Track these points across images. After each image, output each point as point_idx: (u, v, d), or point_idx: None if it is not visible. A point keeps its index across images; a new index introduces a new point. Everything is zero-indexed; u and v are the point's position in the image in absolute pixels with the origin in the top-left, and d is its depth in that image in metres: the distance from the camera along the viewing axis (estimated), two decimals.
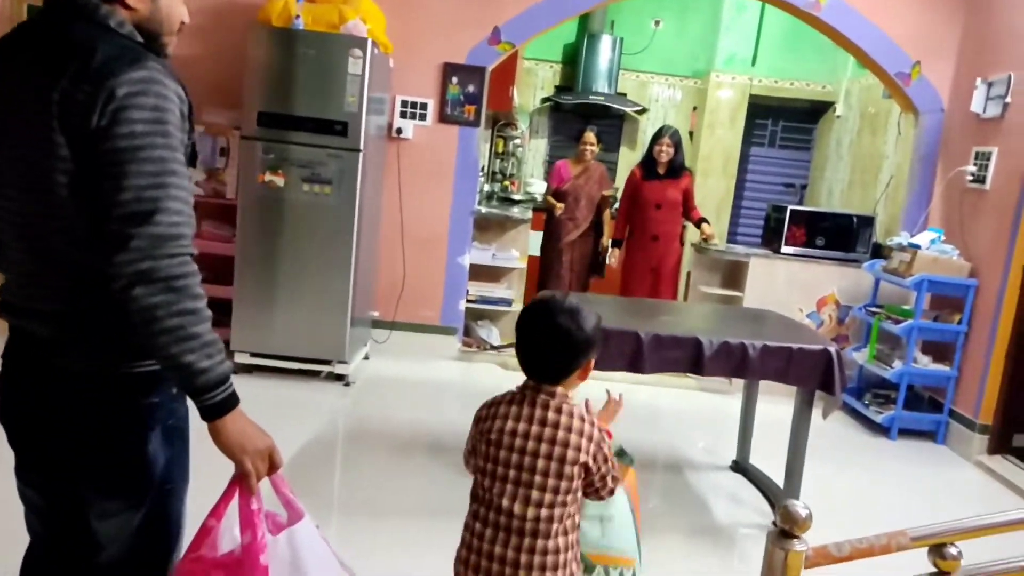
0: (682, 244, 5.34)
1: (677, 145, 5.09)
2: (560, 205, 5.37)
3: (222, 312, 4.47)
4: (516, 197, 6.78)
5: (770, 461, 3.55)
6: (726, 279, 5.33)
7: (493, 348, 5.24)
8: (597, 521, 2.01)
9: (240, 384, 1.37)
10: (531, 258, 5.70)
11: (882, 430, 4.50)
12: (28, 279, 1.31)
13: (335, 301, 4.30)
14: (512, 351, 5.23)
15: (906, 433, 4.49)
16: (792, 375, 2.98)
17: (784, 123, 7.29)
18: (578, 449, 1.54)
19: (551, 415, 1.56)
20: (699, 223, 5.25)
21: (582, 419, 1.57)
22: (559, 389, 1.59)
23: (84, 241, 1.24)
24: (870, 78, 6.06)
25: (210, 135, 4.66)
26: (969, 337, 4.35)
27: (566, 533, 1.57)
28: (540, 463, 1.54)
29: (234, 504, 1.36)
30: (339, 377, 4.43)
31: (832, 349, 3.00)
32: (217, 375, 1.25)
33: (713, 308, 4.41)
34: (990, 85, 4.39)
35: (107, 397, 1.31)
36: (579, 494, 1.59)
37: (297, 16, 4.18)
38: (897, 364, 4.45)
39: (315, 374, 4.41)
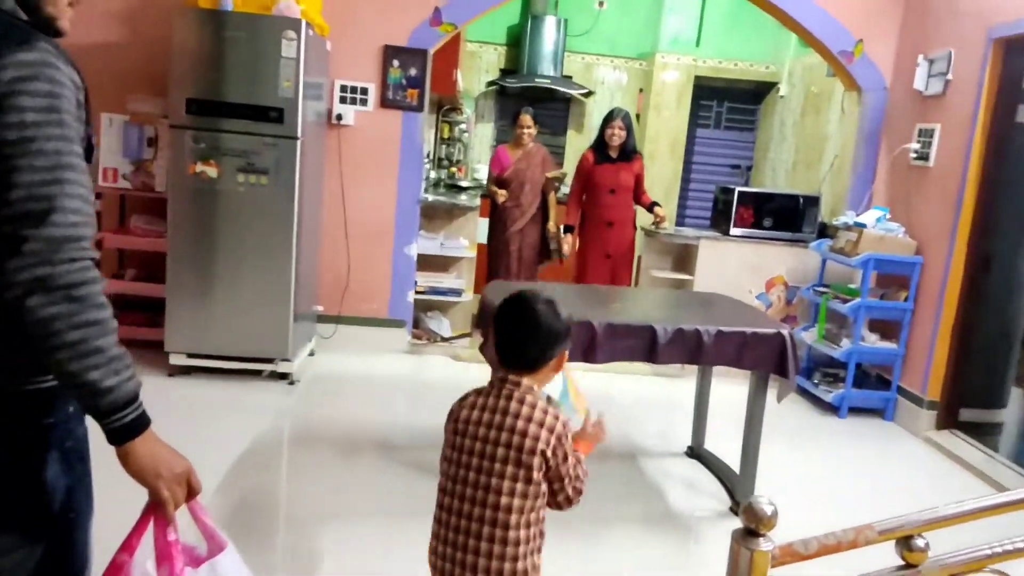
0: (635, 229, 5.25)
1: (629, 128, 4.98)
2: (503, 192, 5.19)
3: (155, 311, 4.27)
4: (463, 184, 6.65)
5: (725, 445, 3.53)
6: (677, 263, 5.30)
7: (444, 340, 5.12)
8: None
9: (177, 387, 1.25)
10: (480, 246, 5.59)
11: (832, 409, 4.53)
12: None
13: (276, 296, 4.13)
14: (464, 342, 5.12)
15: (856, 411, 4.53)
16: (747, 360, 2.94)
17: (729, 104, 7.29)
18: (536, 439, 1.55)
19: (513, 405, 1.58)
20: (651, 207, 5.15)
21: (544, 411, 1.59)
22: (525, 380, 1.62)
23: None
24: (813, 57, 6.09)
25: (137, 124, 4.42)
26: (915, 314, 4.40)
27: (528, 526, 1.57)
28: (500, 452, 1.55)
29: (148, 536, 1.24)
30: (283, 376, 4.26)
31: (785, 332, 2.97)
32: (125, 393, 1.13)
33: (665, 293, 4.36)
34: (931, 62, 4.42)
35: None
36: (542, 487, 1.58)
37: None
38: (845, 343, 4.47)
39: (257, 373, 4.23)
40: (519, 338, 1.65)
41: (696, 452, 3.70)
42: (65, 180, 1.09)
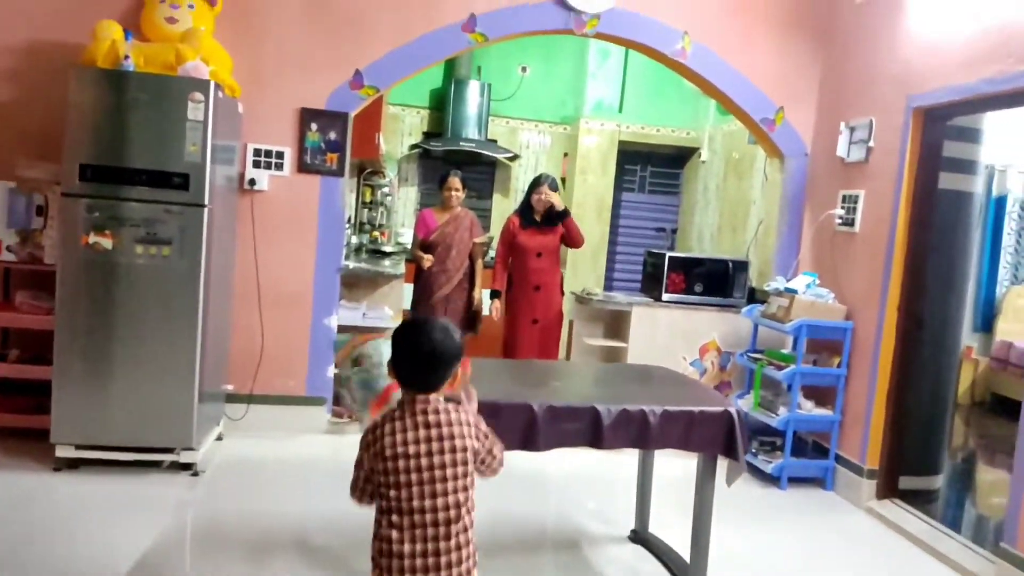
0: (562, 293, 5.14)
1: (555, 192, 4.97)
2: (428, 257, 5.01)
3: (40, 396, 3.81)
4: (387, 249, 6.41)
5: (672, 528, 3.33)
6: (609, 329, 5.17)
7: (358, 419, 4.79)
8: None
9: (64, 483, 1.01)
10: (406, 315, 5.33)
11: (772, 479, 4.41)
12: None
13: (179, 377, 3.75)
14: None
15: (796, 481, 4.42)
16: (694, 441, 2.77)
17: (653, 168, 7.35)
18: (463, 437, 1.84)
19: (431, 418, 1.82)
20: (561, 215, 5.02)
21: (456, 411, 1.86)
22: (432, 396, 1.85)
23: None
24: (733, 124, 6.19)
25: (24, 192, 4.02)
26: (849, 380, 4.36)
27: (469, 512, 1.87)
28: (436, 460, 1.80)
29: None
30: (186, 466, 3.84)
31: (733, 410, 2.81)
32: None
33: (603, 368, 4.16)
34: (852, 130, 4.49)
35: None
36: (473, 478, 1.87)
37: (126, 57, 3.67)
38: (782, 411, 4.38)
39: (156, 464, 3.81)
40: (421, 366, 1.84)
41: (641, 536, 3.48)
42: None
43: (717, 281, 4.97)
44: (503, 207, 7.27)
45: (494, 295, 5.11)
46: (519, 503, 3.83)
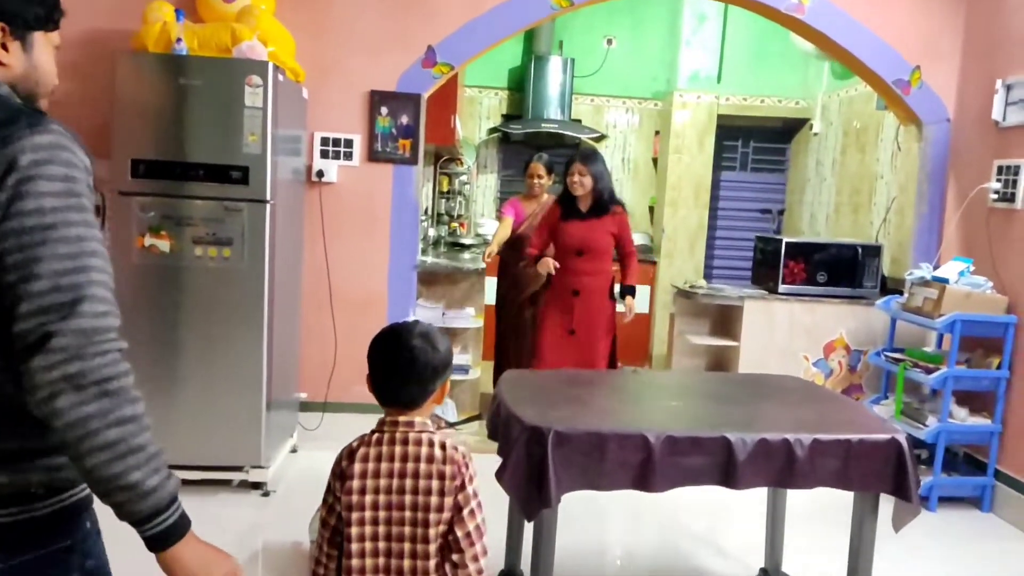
0: (613, 301, 4.14)
1: (597, 175, 3.93)
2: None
3: None
4: (466, 241, 5.99)
5: (808, 566, 2.77)
6: (716, 326, 4.59)
7: (450, 425, 4.39)
8: None
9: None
10: (489, 311, 4.89)
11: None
12: None
13: (245, 389, 3.42)
14: (472, 427, 4.37)
15: (947, 501, 3.77)
16: (854, 478, 2.21)
17: (756, 144, 6.66)
18: (442, 478, 1.52)
19: (411, 449, 1.54)
20: (623, 292, 4.14)
21: (443, 447, 1.55)
22: (417, 419, 1.58)
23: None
24: (851, 90, 5.47)
25: None
26: (1012, 384, 3.67)
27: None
28: (407, 500, 1.52)
29: None
30: (256, 485, 3.52)
31: (901, 438, 2.24)
32: (168, 493, 1.05)
33: (721, 380, 3.47)
34: (1009, 88, 3.77)
35: (21, 548, 1.06)
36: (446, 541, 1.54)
37: (179, 40, 3.34)
38: (931, 420, 3.73)
39: (225, 483, 3.50)
40: (397, 378, 1.59)
41: None
42: (91, 268, 1.02)
43: (844, 269, 4.32)
44: None
45: (536, 260, 4.12)
46: (625, 535, 3.35)
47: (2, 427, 1.03)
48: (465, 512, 1.53)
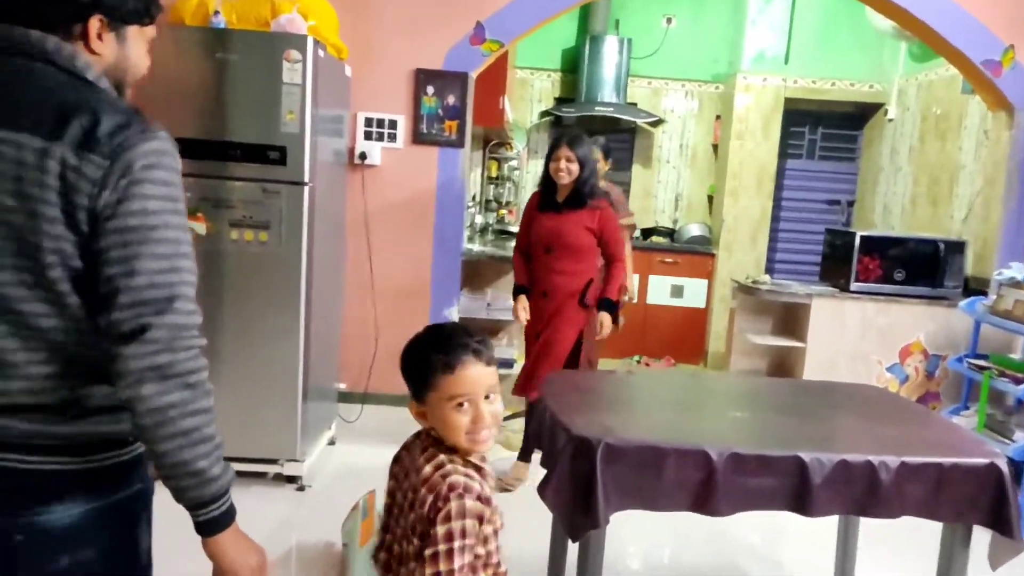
0: (584, 308, 3.47)
1: (584, 161, 3.40)
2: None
3: None
4: (514, 229, 5.77)
5: None
6: (780, 324, 4.30)
7: None
8: None
9: (158, 495, 1.18)
10: None
11: None
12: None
13: (281, 380, 3.28)
14: (517, 423, 4.15)
15: None
16: (945, 507, 1.94)
17: (824, 130, 6.27)
18: (423, 505, 1.29)
19: (419, 460, 1.36)
20: (600, 305, 3.48)
21: (437, 467, 1.32)
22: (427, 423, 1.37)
23: (83, 328, 1.09)
24: (933, 72, 5.08)
25: None
26: None
27: None
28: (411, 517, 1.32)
29: None
30: (291, 479, 3.39)
31: (1001, 462, 1.96)
32: (227, 482, 1.14)
33: (790, 388, 3.04)
34: None
35: (101, 493, 1.14)
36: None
37: (216, 12, 3.19)
38: (1019, 436, 3.40)
39: (259, 476, 3.37)
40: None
41: None
42: (183, 269, 1.09)
43: (924, 266, 3.99)
44: (645, 180, 6.45)
45: (519, 291, 3.61)
46: (675, 550, 3.11)
47: (98, 382, 1.12)
48: (427, 553, 1.25)
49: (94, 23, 1.13)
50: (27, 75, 1.09)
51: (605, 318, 3.51)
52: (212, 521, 1.13)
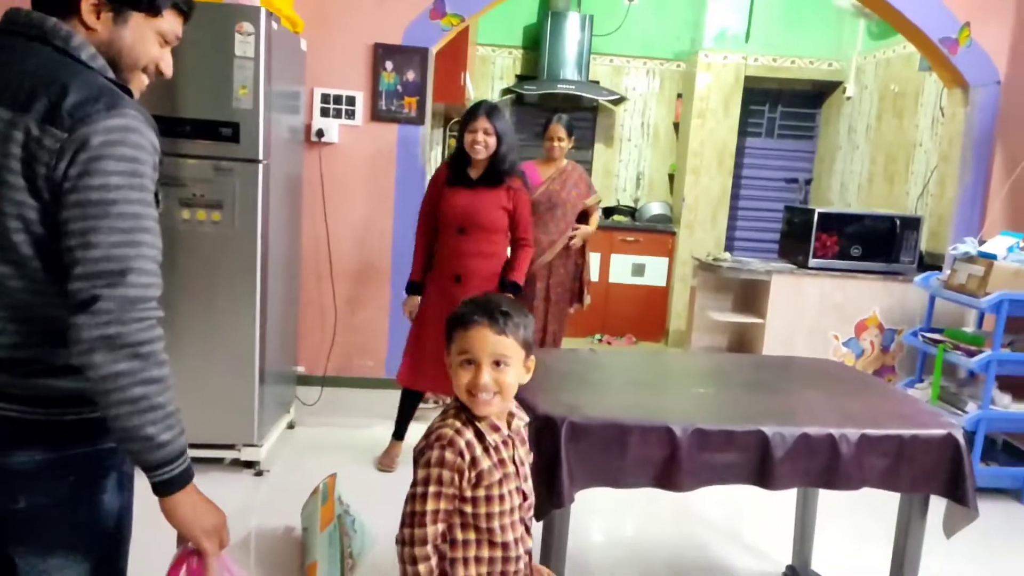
0: (500, 290, 3.32)
1: (503, 134, 3.24)
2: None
3: None
4: None
5: (841, 564, 2.55)
6: (740, 301, 4.33)
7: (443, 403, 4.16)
8: None
9: None
10: None
11: None
12: None
13: (237, 364, 3.20)
14: None
15: (984, 492, 3.51)
16: (904, 479, 1.97)
17: (784, 108, 6.31)
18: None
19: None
20: (504, 287, 3.31)
21: (440, 419, 1.43)
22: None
23: (43, 290, 1.16)
24: (891, 50, 5.13)
25: None
26: None
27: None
28: None
29: None
30: (249, 464, 3.32)
31: (957, 434, 1.99)
32: (178, 448, 1.19)
33: (751, 363, 3.07)
34: None
35: (63, 445, 1.21)
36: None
37: None
38: (971, 407, 3.47)
39: (216, 462, 3.30)
40: None
41: (799, 574, 2.71)
42: (141, 243, 1.13)
43: (880, 243, 4.04)
44: (606, 158, 6.44)
45: (409, 289, 3.41)
46: (640, 526, 3.13)
47: (62, 346, 1.14)
48: (408, 493, 1.39)
49: None
50: (20, 54, 1.16)
51: None
52: (164, 483, 1.18)
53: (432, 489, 1.35)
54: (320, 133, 3.79)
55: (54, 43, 1.17)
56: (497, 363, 1.38)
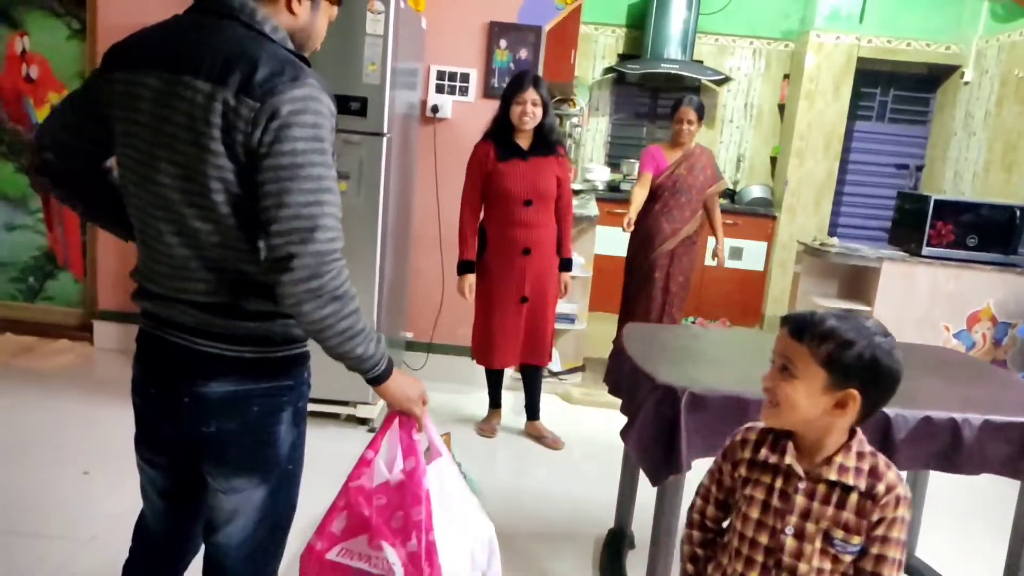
0: (560, 259, 3.44)
1: (547, 104, 3.27)
2: (630, 219, 3.93)
3: None
4: (575, 187, 5.78)
5: (941, 549, 2.54)
6: (846, 288, 4.27)
7: (552, 375, 4.28)
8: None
9: None
10: (602, 263, 4.73)
11: None
12: (177, 270, 1.35)
13: None
14: (575, 378, 4.22)
15: None
16: None
17: (896, 92, 6.10)
18: None
19: None
20: (565, 263, 3.43)
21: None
22: None
23: (240, 247, 1.32)
24: (1014, 34, 4.91)
25: None
26: None
27: None
28: None
29: (386, 439, 1.60)
30: (362, 421, 3.53)
31: None
32: (379, 354, 1.41)
33: None
34: None
35: (249, 379, 1.38)
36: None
37: None
38: None
39: (334, 417, 3.52)
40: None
41: (906, 562, 2.71)
42: (325, 202, 1.28)
43: (997, 233, 3.92)
44: (708, 140, 6.38)
45: (463, 269, 3.40)
46: None
47: (256, 298, 1.35)
48: None
49: None
50: (214, 30, 1.30)
51: (568, 279, 3.48)
52: (374, 379, 1.44)
53: None
54: (435, 109, 3.93)
55: (241, 19, 1.31)
56: (784, 368, 1.32)
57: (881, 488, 1.29)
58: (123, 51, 1.34)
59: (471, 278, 3.43)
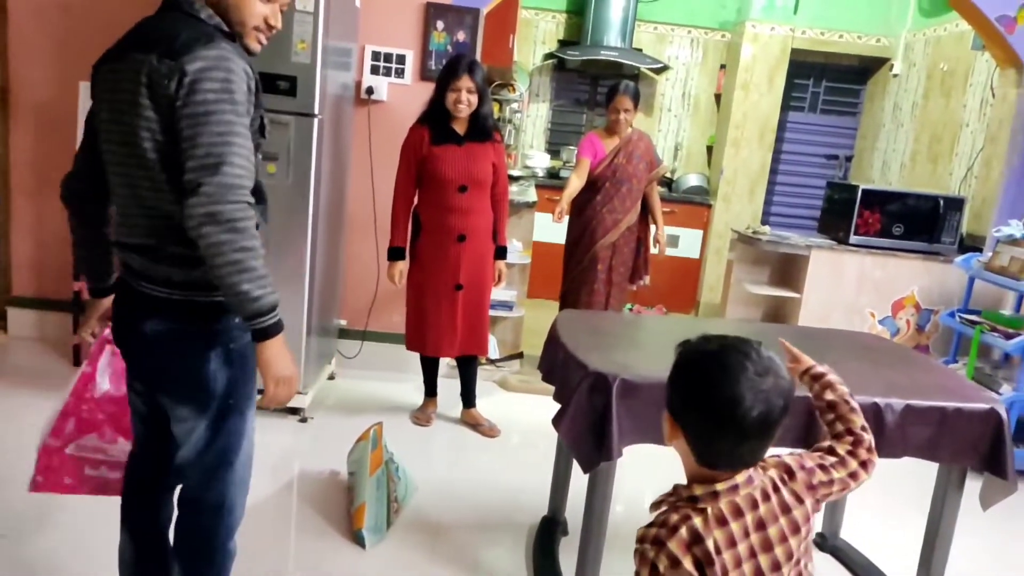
0: (496, 246, 3.43)
1: (483, 91, 3.22)
2: (561, 209, 3.86)
3: None
4: (514, 173, 5.75)
5: (868, 534, 2.61)
6: (777, 275, 4.35)
7: (489, 362, 4.25)
8: None
9: None
10: (537, 246, 4.71)
11: None
12: (125, 218, 1.59)
13: (286, 313, 3.22)
14: (513, 365, 4.19)
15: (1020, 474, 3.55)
16: (945, 449, 2.02)
17: (828, 83, 6.24)
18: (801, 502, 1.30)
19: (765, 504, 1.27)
20: (500, 251, 3.44)
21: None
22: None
23: (164, 188, 1.50)
24: (942, 28, 5.06)
25: None
26: None
27: None
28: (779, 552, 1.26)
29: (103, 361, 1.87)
30: (293, 411, 3.44)
31: (1000, 408, 2.03)
32: (268, 303, 1.46)
33: (793, 333, 3.10)
34: None
35: (179, 320, 1.56)
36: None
37: None
38: (1005, 388, 3.49)
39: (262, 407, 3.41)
40: (757, 440, 1.23)
41: (830, 543, 2.78)
42: (233, 143, 1.43)
43: (922, 222, 4.04)
44: (646, 128, 6.40)
45: (394, 255, 3.36)
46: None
47: (180, 242, 1.48)
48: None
49: None
50: (161, 19, 1.54)
51: (503, 268, 3.48)
52: (258, 331, 1.48)
53: None
54: (370, 91, 3.84)
55: (183, 8, 1.53)
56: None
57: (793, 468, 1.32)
58: (106, 51, 1.57)
59: (402, 265, 3.38)
